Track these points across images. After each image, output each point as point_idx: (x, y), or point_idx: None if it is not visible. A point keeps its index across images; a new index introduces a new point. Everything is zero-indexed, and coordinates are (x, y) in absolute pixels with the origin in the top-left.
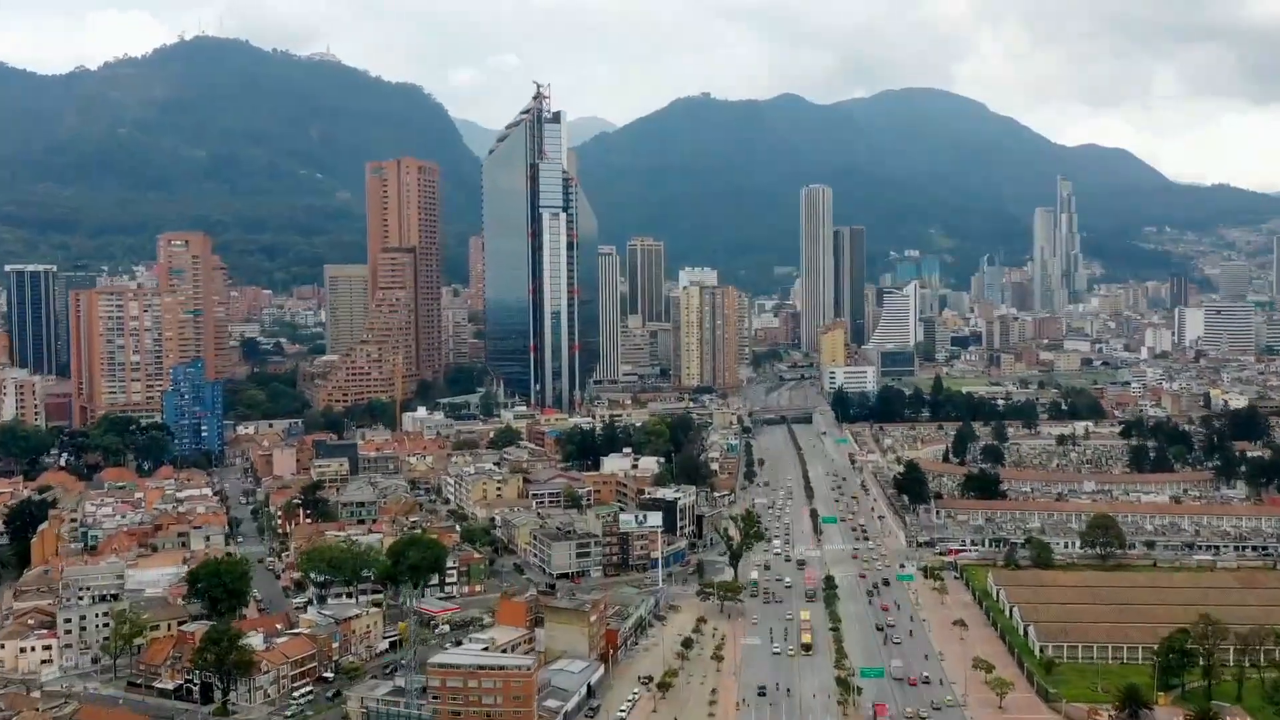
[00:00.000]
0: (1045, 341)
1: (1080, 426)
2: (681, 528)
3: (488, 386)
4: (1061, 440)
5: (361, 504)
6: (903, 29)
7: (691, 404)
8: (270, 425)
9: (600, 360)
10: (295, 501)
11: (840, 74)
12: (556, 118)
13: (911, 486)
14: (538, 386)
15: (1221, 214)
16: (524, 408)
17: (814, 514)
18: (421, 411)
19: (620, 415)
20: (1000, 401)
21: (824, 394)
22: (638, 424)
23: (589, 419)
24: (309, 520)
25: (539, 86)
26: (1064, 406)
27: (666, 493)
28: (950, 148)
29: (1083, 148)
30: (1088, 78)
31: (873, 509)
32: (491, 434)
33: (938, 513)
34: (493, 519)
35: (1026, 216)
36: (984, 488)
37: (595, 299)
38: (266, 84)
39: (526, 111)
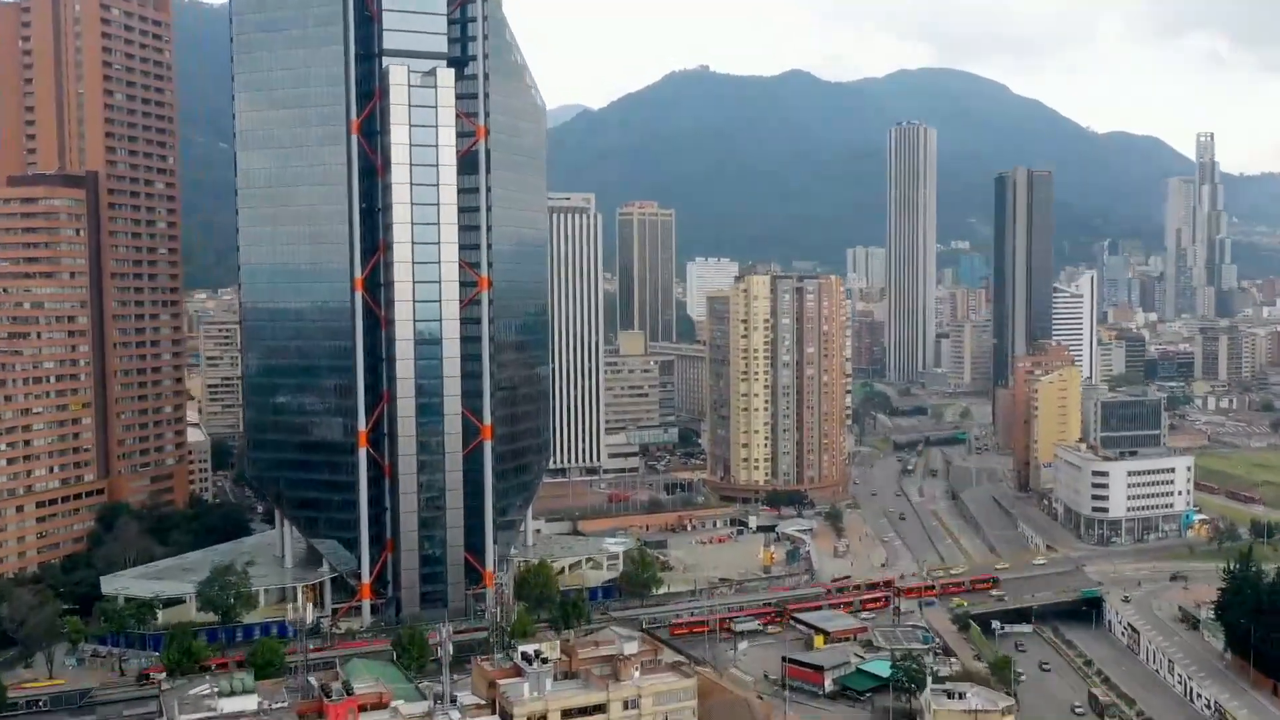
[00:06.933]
0: None
1: None
2: None
3: (280, 535)
4: None
5: None
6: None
7: (770, 541)
8: None
9: (557, 426)
10: None
11: (850, 51)
12: None
13: None
14: (375, 568)
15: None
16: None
17: None
18: None
19: (599, 707)
20: None
21: (1047, 511)
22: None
23: None
24: None
25: None
26: None
27: None
28: (976, 130)
29: (1113, 135)
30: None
31: None
32: None
33: None
34: None
35: (1078, 204)
36: None
37: (542, 296)
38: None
39: None
